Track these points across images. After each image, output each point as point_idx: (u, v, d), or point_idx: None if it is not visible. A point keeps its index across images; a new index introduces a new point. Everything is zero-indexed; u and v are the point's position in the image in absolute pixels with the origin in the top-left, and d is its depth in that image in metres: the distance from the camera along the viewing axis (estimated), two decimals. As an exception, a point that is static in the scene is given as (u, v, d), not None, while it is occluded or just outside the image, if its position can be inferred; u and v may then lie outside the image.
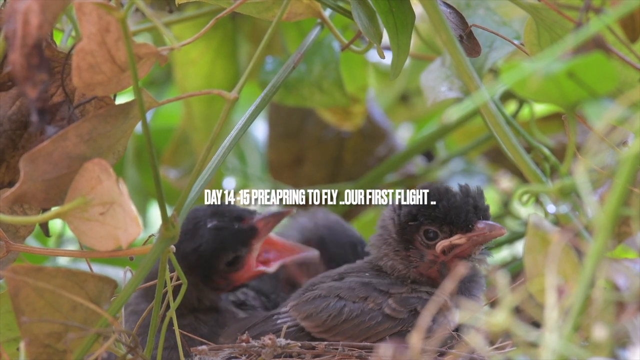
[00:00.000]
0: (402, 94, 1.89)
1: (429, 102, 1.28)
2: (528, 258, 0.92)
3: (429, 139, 1.74)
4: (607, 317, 0.83)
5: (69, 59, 1.05)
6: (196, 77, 1.62)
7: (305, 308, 1.17)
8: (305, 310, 1.17)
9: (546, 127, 1.64)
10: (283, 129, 1.78)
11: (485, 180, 1.86)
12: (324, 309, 1.17)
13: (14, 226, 1.11)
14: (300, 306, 1.18)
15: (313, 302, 1.17)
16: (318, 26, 1.25)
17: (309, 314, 1.17)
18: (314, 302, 1.17)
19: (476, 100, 0.89)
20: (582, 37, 0.89)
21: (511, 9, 1.33)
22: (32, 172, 0.99)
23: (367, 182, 1.70)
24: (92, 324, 1.01)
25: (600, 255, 0.83)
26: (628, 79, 1.04)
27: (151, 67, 1.01)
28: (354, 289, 1.18)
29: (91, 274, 1.01)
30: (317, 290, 1.19)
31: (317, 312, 1.17)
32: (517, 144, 0.98)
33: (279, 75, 1.16)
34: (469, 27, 1.17)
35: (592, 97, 0.88)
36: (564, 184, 0.92)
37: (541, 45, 1.14)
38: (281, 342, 1.11)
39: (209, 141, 1.03)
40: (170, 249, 1.04)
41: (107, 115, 1.01)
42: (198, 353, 1.13)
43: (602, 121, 0.85)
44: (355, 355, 1.12)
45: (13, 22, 0.95)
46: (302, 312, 1.17)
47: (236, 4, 1.09)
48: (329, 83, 1.46)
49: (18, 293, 0.98)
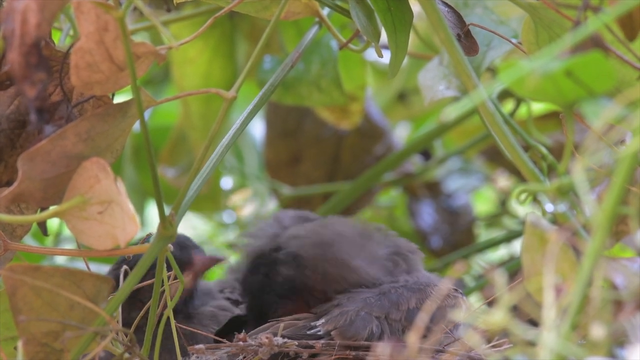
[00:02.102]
0: (400, 93, 1.89)
1: (427, 101, 1.28)
2: (526, 257, 0.92)
3: (427, 138, 1.74)
4: (605, 316, 0.83)
5: (67, 58, 1.05)
6: (194, 76, 1.62)
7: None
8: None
9: (543, 125, 1.64)
10: (281, 127, 1.78)
11: (483, 179, 1.86)
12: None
13: (11, 226, 1.10)
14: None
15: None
16: (316, 25, 1.25)
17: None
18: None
19: (474, 99, 0.89)
20: (580, 36, 0.89)
21: (509, 7, 1.33)
22: (30, 171, 0.99)
23: (365, 180, 1.70)
24: (90, 322, 1.01)
25: (598, 254, 0.83)
26: (626, 77, 1.04)
27: (149, 66, 1.01)
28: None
29: (89, 273, 1.01)
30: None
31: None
32: (515, 143, 0.98)
33: (277, 74, 1.16)
34: (466, 26, 1.17)
35: (590, 95, 0.88)
36: (562, 183, 0.92)
37: (539, 44, 1.14)
38: (278, 341, 1.11)
39: (207, 140, 1.03)
40: (167, 247, 1.04)
41: (105, 114, 1.01)
42: (195, 352, 1.13)
43: (600, 120, 0.85)
44: (353, 354, 1.12)
45: (11, 21, 0.95)
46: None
47: (234, 3, 1.09)
48: (327, 82, 1.46)
49: (15, 292, 0.98)
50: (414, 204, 1.83)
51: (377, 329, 1.14)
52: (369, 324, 1.14)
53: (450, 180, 1.85)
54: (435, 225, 1.81)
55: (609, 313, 0.84)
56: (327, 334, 1.13)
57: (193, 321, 1.25)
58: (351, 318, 1.14)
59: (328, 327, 1.14)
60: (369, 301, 1.16)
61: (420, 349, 1.06)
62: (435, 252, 1.79)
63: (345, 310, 1.15)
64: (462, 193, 1.84)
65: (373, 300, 1.16)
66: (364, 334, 1.13)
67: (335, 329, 1.13)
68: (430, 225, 1.81)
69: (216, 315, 1.26)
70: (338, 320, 1.14)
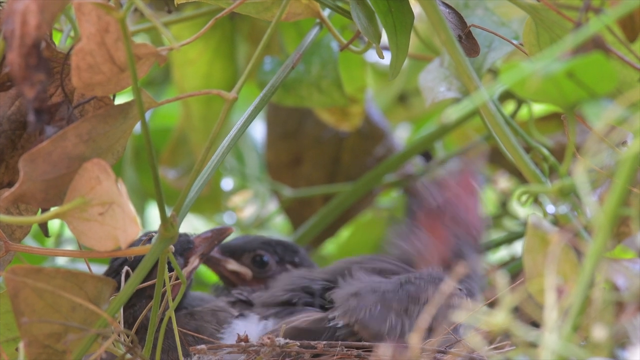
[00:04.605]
0: (401, 94, 1.89)
1: (428, 103, 1.28)
2: (527, 258, 0.92)
3: (428, 139, 1.74)
4: (606, 317, 0.83)
5: (68, 59, 1.05)
6: (194, 77, 1.61)
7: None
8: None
9: (544, 127, 1.64)
10: (281, 129, 1.78)
11: (484, 180, 1.86)
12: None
13: (10, 227, 1.10)
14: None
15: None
16: (317, 26, 1.25)
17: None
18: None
19: (475, 100, 0.89)
20: (582, 38, 0.89)
21: (510, 9, 1.33)
22: (31, 172, 0.99)
23: (366, 182, 1.70)
24: (91, 324, 1.01)
25: (600, 255, 0.83)
26: (627, 79, 1.04)
27: (150, 67, 1.01)
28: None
29: (90, 275, 1.01)
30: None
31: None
32: (517, 144, 0.98)
33: (277, 75, 1.16)
34: (467, 27, 1.17)
35: (592, 97, 0.88)
36: (563, 184, 0.92)
37: (540, 46, 1.14)
38: (280, 342, 1.11)
39: (208, 141, 1.03)
40: (169, 249, 1.04)
41: (106, 115, 1.01)
42: (197, 352, 1.13)
43: (602, 121, 0.85)
44: (354, 354, 1.12)
45: (11, 22, 0.95)
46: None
47: (235, 4, 1.09)
48: (327, 83, 1.46)
49: (18, 294, 0.98)
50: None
51: (397, 322, 1.14)
52: (388, 317, 1.15)
53: (451, 182, 1.84)
54: (435, 227, 1.81)
55: (611, 314, 0.84)
56: (346, 326, 1.14)
57: (195, 318, 1.25)
58: (370, 310, 1.15)
59: (348, 319, 1.14)
60: (387, 296, 1.16)
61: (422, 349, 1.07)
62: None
63: (363, 303, 1.16)
64: (462, 194, 1.84)
65: (391, 293, 1.17)
66: (385, 327, 1.14)
67: (356, 322, 1.14)
68: (431, 227, 1.81)
69: (216, 313, 1.27)
70: (358, 312, 1.15)
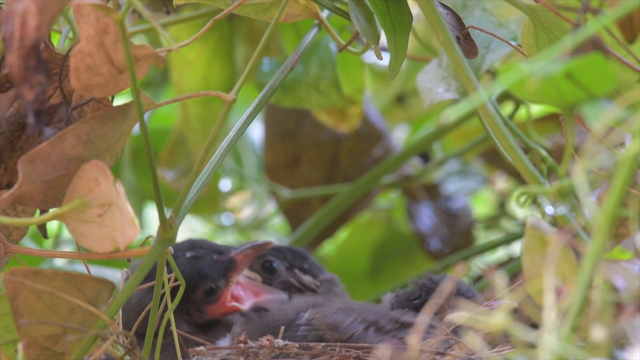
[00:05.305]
0: (399, 95, 1.89)
1: (426, 104, 1.28)
2: (526, 259, 0.92)
3: (426, 140, 1.74)
4: (605, 318, 0.83)
5: (66, 60, 1.05)
6: (193, 79, 1.61)
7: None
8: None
9: (543, 128, 1.64)
10: (279, 130, 1.78)
11: (482, 181, 1.86)
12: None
13: (7, 229, 1.10)
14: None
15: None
16: (315, 27, 1.25)
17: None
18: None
19: (473, 101, 0.89)
20: (580, 39, 0.89)
21: (508, 10, 1.33)
22: (30, 174, 0.99)
23: (364, 183, 1.70)
24: (90, 325, 1.01)
25: (599, 256, 0.83)
26: (626, 80, 1.04)
27: (149, 68, 1.01)
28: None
29: (89, 276, 1.01)
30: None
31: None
32: (515, 145, 0.98)
33: (276, 76, 1.16)
34: (466, 28, 1.17)
35: (590, 98, 0.88)
36: (562, 185, 0.92)
37: (539, 47, 1.14)
38: (279, 343, 1.11)
39: (207, 142, 1.03)
40: (168, 250, 1.04)
41: (105, 116, 1.01)
42: (196, 354, 1.13)
43: (600, 122, 0.85)
44: (353, 356, 1.12)
45: (10, 23, 0.95)
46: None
47: (234, 5, 1.09)
48: (325, 84, 1.46)
49: (17, 296, 0.98)
50: (413, 206, 1.83)
51: (360, 324, 1.16)
52: (350, 317, 1.16)
53: (449, 183, 1.85)
54: (434, 228, 1.81)
55: (610, 315, 0.84)
56: (308, 322, 1.15)
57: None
58: (333, 311, 1.17)
59: (311, 316, 1.17)
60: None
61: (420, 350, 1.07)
62: (434, 255, 1.79)
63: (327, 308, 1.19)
64: (461, 195, 1.84)
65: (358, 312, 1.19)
66: (346, 322, 1.15)
67: (319, 314, 1.16)
68: (429, 228, 1.81)
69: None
70: (322, 311, 1.17)
